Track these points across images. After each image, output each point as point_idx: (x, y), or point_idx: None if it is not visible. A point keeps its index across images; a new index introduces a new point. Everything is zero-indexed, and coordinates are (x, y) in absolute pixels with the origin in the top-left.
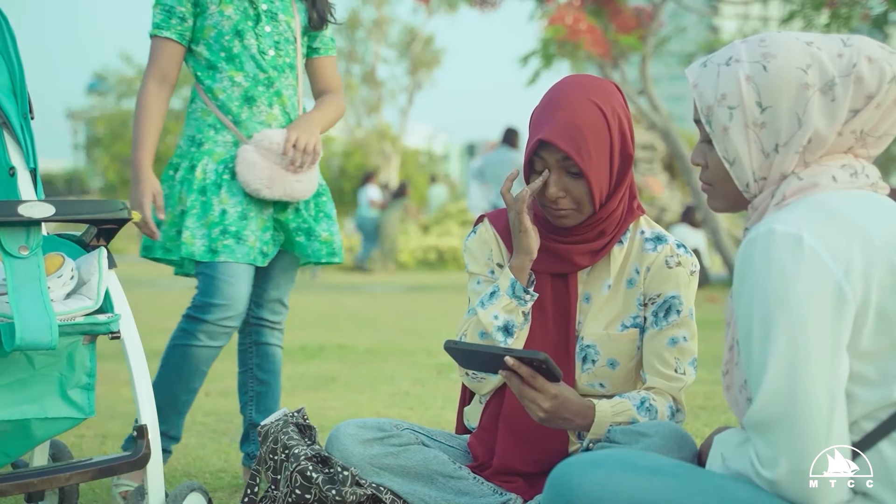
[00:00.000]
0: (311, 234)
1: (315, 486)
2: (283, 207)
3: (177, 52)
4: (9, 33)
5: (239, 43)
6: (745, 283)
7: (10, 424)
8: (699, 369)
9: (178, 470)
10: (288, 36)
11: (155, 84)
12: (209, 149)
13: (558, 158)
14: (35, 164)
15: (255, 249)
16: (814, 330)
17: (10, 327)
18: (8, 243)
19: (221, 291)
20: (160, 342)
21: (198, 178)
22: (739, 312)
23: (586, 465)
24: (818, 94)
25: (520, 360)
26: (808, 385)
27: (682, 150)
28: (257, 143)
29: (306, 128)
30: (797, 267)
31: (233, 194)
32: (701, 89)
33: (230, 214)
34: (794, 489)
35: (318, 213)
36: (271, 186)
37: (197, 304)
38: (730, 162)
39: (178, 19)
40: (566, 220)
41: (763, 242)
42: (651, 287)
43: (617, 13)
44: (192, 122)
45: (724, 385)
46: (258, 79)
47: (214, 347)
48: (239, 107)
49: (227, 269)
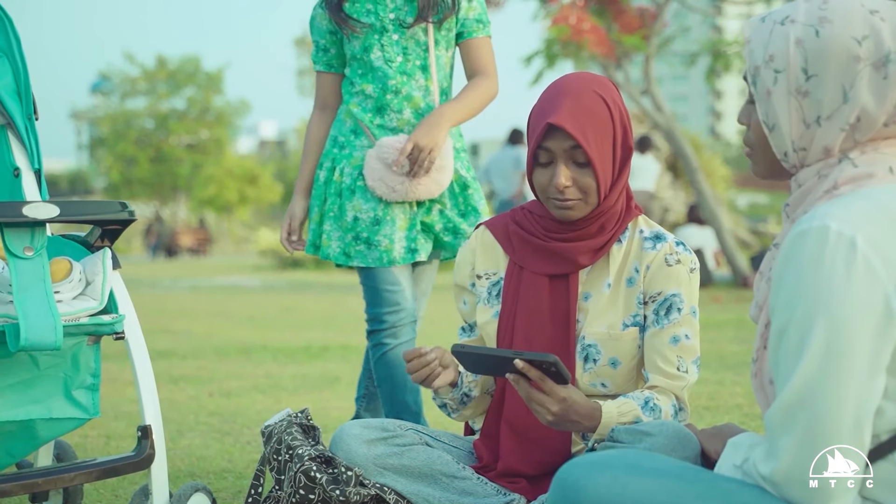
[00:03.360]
0: (457, 232)
1: (319, 486)
2: (427, 210)
3: (329, 80)
4: (13, 34)
5: (367, 57)
6: (788, 276)
7: (15, 425)
8: (703, 370)
9: (182, 470)
10: (419, 38)
11: (317, 113)
12: (349, 153)
13: (566, 147)
14: (39, 165)
15: (391, 252)
16: (853, 343)
17: (14, 328)
18: (13, 244)
19: (384, 300)
20: (164, 342)
21: (336, 181)
22: (777, 304)
23: (592, 467)
24: (869, 68)
25: (529, 363)
26: (837, 399)
27: (686, 150)
28: (379, 151)
29: (427, 131)
30: (848, 274)
31: (367, 200)
32: (752, 46)
33: (362, 221)
34: (797, 494)
35: (467, 207)
36: (394, 191)
37: (369, 318)
38: (769, 127)
39: (323, 51)
40: (572, 213)
41: (815, 239)
42: (651, 285)
43: (620, 13)
44: (335, 125)
45: (752, 371)
46: (387, 87)
47: (406, 342)
48: (371, 118)
49: (382, 276)
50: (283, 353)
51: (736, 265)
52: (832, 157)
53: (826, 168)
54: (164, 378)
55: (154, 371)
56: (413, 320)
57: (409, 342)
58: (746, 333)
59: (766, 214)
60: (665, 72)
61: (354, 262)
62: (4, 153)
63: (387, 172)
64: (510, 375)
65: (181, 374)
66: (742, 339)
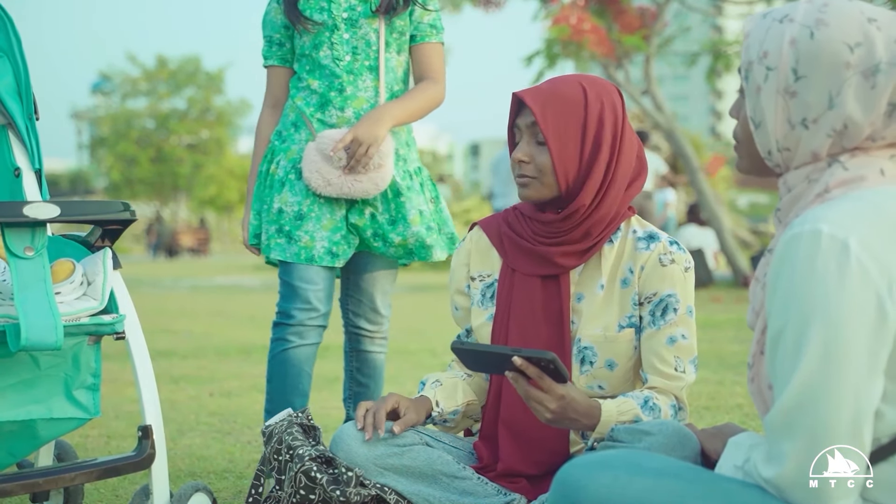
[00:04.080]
0: (386, 239)
1: (319, 486)
2: (359, 212)
3: (283, 76)
4: (14, 34)
5: (316, 54)
6: (782, 280)
7: (16, 425)
8: (703, 370)
9: (183, 470)
10: (370, 38)
11: (268, 111)
12: (287, 145)
13: (528, 123)
14: (40, 165)
15: (311, 249)
16: (850, 345)
17: (15, 328)
18: (13, 244)
19: (298, 296)
20: (164, 342)
21: (272, 173)
22: (772, 309)
23: (593, 467)
24: (858, 76)
25: (528, 360)
26: (836, 402)
27: (686, 150)
28: (319, 143)
29: (368, 126)
30: (841, 277)
31: (294, 193)
32: (749, 41)
33: (286, 213)
34: (800, 497)
35: (397, 215)
36: (329, 184)
37: (278, 311)
38: (755, 124)
39: (277, 46)
40: (528, 191)
41: (808, 243)
42: (646, 286)
43: (621, 13)
44: (281, 118)
45: (748, 376)
46: (332, 84)
47: (310, 345)
48: (313, 112)
49: (299, 273)
50: None
51: (736, 265)
52: (821, 161)
53: (816, 172)
54: (165, 378)
55: (154, 371)
56: (323, 325)
57: (313, 346)
58: (746, 333)
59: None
60: (665, 72)
61: (273, 255)
62: (5, 153)
63: (324, 164)
64: (509, 373)
65: (182, 374)
66: (742, 338)
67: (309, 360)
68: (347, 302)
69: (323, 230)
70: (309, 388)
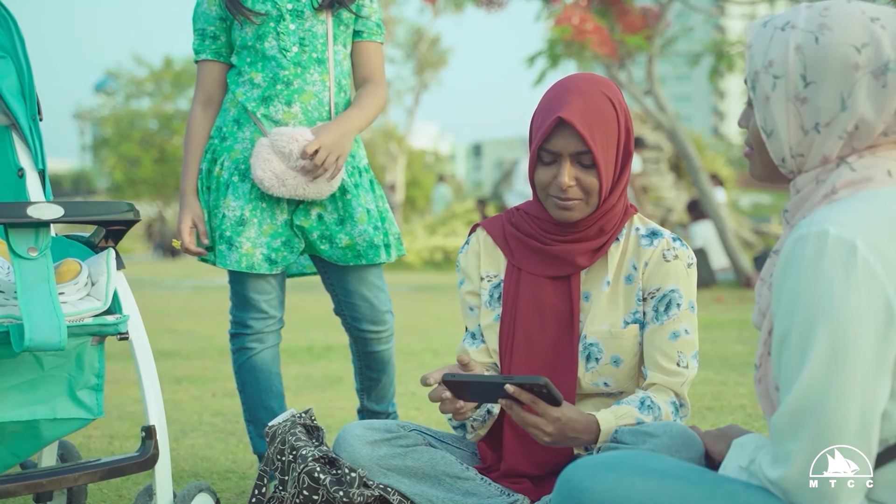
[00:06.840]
0: (333, 241)
1: (323, 487)
2: (304, 213)
3: (216, 71)
4: (17, 34)
5: (260, 45)
6: (788, 281)
7: (20, 425)
8: (707, 370)
9: (186, 470)
10: (317, 30)
11: (200, 108)
12: (230, 145)
13: (572, 146)
14: (43, 166)
15: (252, 257)
16: (856, 346)
17: (19, 328)
18: (17, 244)
19: (251, 306)
20: (167, 342)
21: (216, 175)
22: (778, 310)
23: (597, 468)
24: (868, 76)
25: (520, 387)
26: (842, 403)
27: (689, 151)
28: (274, 140)
29: (338, 139)
30: (848, 279)
31: (237, 197)
32: (753, 51)
33: (228, 219)
34: (806, 498)
35: (345, 213)
36: (284, 185)
37: (233, 320)
38: (767, 133)
39: (211, 39)
40: (572, 213)
41: (815, 244)
42: (650, 281)
43: (623, 13)
44: (220, 114)
45: (755, 377)
46: (278, 77)
47: (272, 347)
48: (255, 107)
49: (249, 283)
50: (286, 354)
51: (739, 265)
52: (830, 163)
53: (824, 173)
54: (168, 378)
55: (158, 371)
56: (280, 326)
57: (275, 347)
58: (749, 334)
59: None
60: (668, 72)
61: (218, 263)
62: (8, 154)
63: (280, 164)
64: (503, 401)
65: (185, 375)
66: (745, 339)
67: (275, 361)
68: (343, 309)
69: (263, 236)
70: (282, 387)
